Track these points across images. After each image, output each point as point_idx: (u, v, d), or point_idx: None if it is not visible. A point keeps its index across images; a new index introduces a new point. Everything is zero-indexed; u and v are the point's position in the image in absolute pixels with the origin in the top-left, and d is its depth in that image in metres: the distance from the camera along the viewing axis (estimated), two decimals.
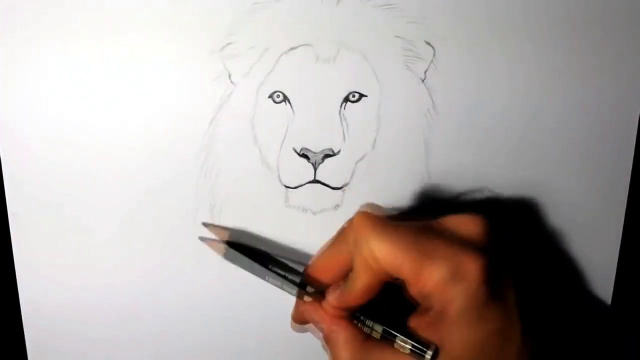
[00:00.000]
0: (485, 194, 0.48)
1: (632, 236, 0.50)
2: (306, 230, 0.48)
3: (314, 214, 0.48)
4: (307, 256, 0.48)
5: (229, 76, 0.45)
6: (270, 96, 0.45)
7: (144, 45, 0.44)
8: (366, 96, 0.46)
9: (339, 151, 0.46)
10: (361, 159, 0.47)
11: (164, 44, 0.44)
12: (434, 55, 0.45)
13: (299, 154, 0.46)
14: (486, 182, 0.48)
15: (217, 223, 0.47)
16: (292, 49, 0.44)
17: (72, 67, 0.44)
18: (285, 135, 0.46)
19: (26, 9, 0.42)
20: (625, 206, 0.49)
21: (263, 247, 0.48)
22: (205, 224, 0.48)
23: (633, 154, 0.48)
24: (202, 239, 0.47)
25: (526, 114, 0.46)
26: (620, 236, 0.49)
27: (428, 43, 0.45)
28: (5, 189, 0.46)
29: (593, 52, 0.45)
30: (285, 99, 0.45)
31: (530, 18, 0.44)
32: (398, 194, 0.48)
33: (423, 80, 0.46)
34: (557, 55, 0.45)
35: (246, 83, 0.45)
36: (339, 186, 0.47)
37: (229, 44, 0.44)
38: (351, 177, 0.47)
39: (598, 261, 0.50)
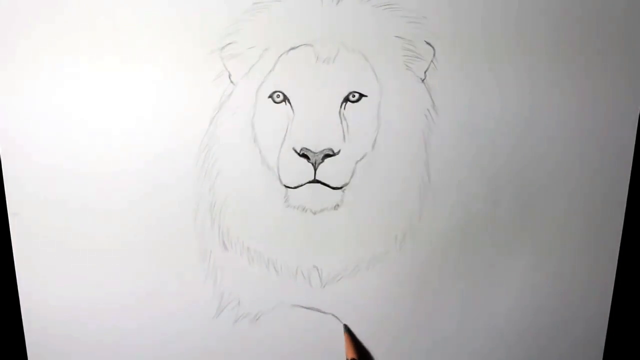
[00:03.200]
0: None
1: (631, 238, 0.50)
2: (306, 230, 0.49)
3: (314, 213, 0.48)
4: (307, 257, 0.49)
5: (229, 76, 0.45)
6: (270, 96, 0.46)
7: (143, 44, 0.44)
8: (366, 96, 0.46)
9: (339, 151, 0.46)
10: (361, 158, 0.47)
11: (163, 43, 0.44)
12: (434, 55, 0.45)
13: (299, 154, 0.46)
14: (486, 181, 0.48)
15: (216, 222, 0.48)
16: (292, 49, 0.45)
17: (72, 65, 0.44)
18: (285, 135, 0.46)
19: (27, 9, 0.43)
20: (625, 205, 0.49)
21: (262, 247, 0.49)
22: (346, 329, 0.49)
23: (633, 154, 0.48)
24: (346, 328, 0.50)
25: (526, 113, 0.47)
26: (620, 235, 0.50)
27: (428, 43, 0.45)
28: (6, 190, 0.47)
29: (593, 52, 0.46)
30: (285, 99, 0.46)
31: (530, 19, 0.45)
32: (398, 194, 0.48)
33: (423, 80, 0.46)
34: (557, 55, 0.46)
35: (246, 83, 0.46)
36: (339, 186, 0.48)
37: (229, 44, 0.45)
38: (351, 177, 0.47)
39: (597, 260, 0.51)
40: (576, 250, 0.50)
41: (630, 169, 0.48)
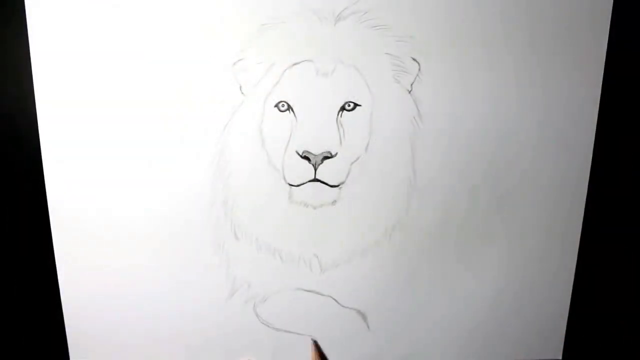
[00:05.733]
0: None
1: (589, 226, 0.53)
2: (307, 222, 0.51)
3: (314, 208, 0.51)
4: (308, 246, 0.51)
5: (240, 88, 0.48)
6: (276, 105, 0.48)
7: (169, 62, 0.47)
8: (360, 105, 0.49)
9: (336, 154, 0.49)
10: (355, 160, 0.50)
11: (185, 60, 0.47)
12: (419, 69, 0.48)
13: (301, 156, 0.49)
14: (465, 179, 0.51)
15: (229, 216, 0.50)
16: (295, 64, 0.47)
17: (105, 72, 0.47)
18: (289, 140, 0.49)
19: None
20: (584, 199, 0.52)
21: (269, 237, 0.51)
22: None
23: (591, 158, 0.51)
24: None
25: (500, 121, 0.50)
26: (581, 223, 0.53)
27: (414, 59, 0.48)
28: (46, 185, 0.49)
29: (561, 71, 0.49)
30: (289, 107, 0.48)
31: (505, 37, 0.48)
32: (388, 191, 0.51)
33: (410, 92, 0.48)
34: (528, 71, 0.49)
35: (255, 94, 0.48)
36: (336, 184, 0.50)
37: (240, 60, 0.47)
38: (347, 177, 0.50)
39: (561, 246, 0.54)
40: (544, 237, 0.53)
41: (590, 169, 0.52)
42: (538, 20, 0.48)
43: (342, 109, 0.49)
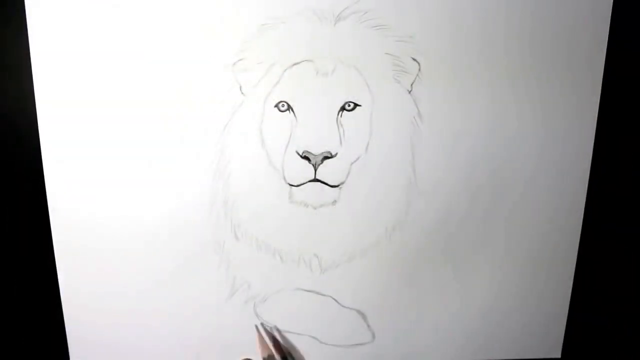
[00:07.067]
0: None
1: (587, 231, 0.54)
2: (307, 223, 0.51)
3: (315, 208, 0.51)
4: (308, 246, 0.52)
5: (240, 88, 0.48)
6: (276, 105, 0.49)
7: (167, 62, 0.47)
8: (360, 105, 0.49)
9: (336, 154, 0.49)
10: (356, 160, 0.50)
11: (184, 61, 0.47)
12: (419, 69, 0.48)
13: (301, 156, 0.49)
14: (465, 180, 0.51)
15: (229, 216, 0.51)
16: (295, 64, 0.48)
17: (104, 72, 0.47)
18: (289, 140, 0.49)
19: None
20: (583, 206, 0.53)
21: (269, 237, 0.52)
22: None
23: (592, 153, 0.52)
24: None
25: (501, 121, 0.50)
26: (580, 227, 0.54)
27: (414, 59, 0.48)
28: (46, 185, 0.50)
29: (561, 72, 0.49)
30: (289, 107, 0.49)
31: (505, 37, 0.48)
32: (388, 191, 0.51)
33: (410, 92, 0.49)
34: (528, 71, 0.49)
35: (255, 94, 0.48)
36: (336, 184, 0.50)
37: (240, 60, 0.47)
38: (347, 177, 0.50)
39: (558, 248, 0.54)
40: (544, 237, 0.53)
41: (589, 169, 0.52)
42: (538, 20, 0.48)
43: (342, 109, 0.49)
